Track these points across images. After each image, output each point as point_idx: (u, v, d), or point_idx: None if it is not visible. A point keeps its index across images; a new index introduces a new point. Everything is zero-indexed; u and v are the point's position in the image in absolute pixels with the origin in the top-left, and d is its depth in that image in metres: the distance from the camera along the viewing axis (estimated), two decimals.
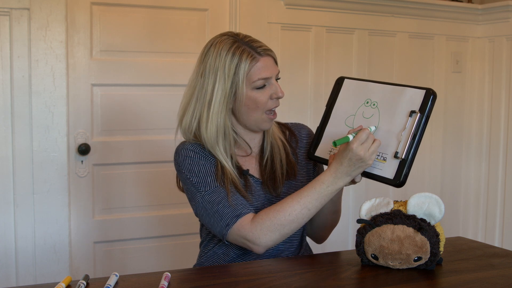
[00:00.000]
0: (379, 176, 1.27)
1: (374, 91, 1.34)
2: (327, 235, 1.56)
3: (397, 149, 1.25)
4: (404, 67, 2.94)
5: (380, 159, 1.28)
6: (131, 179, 2.45)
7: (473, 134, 3.17)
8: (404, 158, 1.23)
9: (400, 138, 1.25)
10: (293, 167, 1.45)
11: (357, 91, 1.38)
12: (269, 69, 1.36)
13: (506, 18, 2.97)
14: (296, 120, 1.59)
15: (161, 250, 2.51)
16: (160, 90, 2.46)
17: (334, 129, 1.38)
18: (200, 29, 2.51)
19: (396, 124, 1.28)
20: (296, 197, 1.29)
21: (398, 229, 1.17)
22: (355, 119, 1.35)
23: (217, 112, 1.35)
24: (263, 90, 1.37)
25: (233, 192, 1.34)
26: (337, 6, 2.74)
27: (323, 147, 1.40)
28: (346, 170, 1.26)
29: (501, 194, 3.05)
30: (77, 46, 2.31)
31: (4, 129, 2.20)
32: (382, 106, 1.31)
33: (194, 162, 1.37)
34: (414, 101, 1.26)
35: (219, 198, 1.33)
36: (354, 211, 2.82)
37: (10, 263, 2.25)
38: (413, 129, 1.24)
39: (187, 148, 1.39)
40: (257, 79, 1.34)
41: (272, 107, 1.39)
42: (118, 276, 1.13)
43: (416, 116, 1.24)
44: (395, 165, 1.25)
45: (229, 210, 1.31)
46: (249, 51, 1.34)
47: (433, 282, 1.14)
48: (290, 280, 1.14)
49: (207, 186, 1.35)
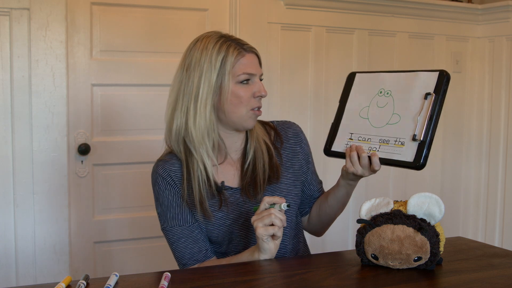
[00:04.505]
0: (398, 160, 1.26)
1: (387, 80, 1.35)
2: (327, 227, 1.56)
3: (414, 132, 1.25)
4: (404, 67, 2.94)
5: (398, 144, 1.28)
6: (131, 179, 2.45)
7: (473, 134, 3.17)
8: (423, 140, 1.24)
9: (416, 121, 1.26)
10: (277, 171, 1.42)
11: (369, 82, 1.38)
12: (254, 66, 1.35)
13: (506, 18, 2.96)
14: (296, 120, 1.58)
15: (161, 250, 2.51)
16: (160, 90, 2.46)
17: (349, 122, 1.38)
18: (200, 29, 2.51)
19: (411, 108, 1.28)
20: (232, 260, 1.33)
21: (398, 229, 1.17)
22: (369, 110, 1.35)
23: (204, 105, 1.33)
24: (247, 86, 1.35)
25: (187, 234, 1.38)
26: (337, 6, 2.74)
27: (339, 141, 1.38)
28: (258, 244, 1.28)
29: (501, 194, 3.05)
30: (77, 46, 2.31)
31: (4, 129, 2.20)
32: (396, 94, 1.32)
33: (160, 190, 1.40)
34: (428, 84, 1.27)
35: (173, 238, 1.39)
36: (354, 211, 2.82)
37: (10, 263, 2.25)
38: (430, 110, 1.24)
39: (157, 172, 1.41)
40: (241, 73, 1.33)
41: (254, 106, 1.36)
42: (118, 276, 1.13)
43: (431, 97, 1.25)
44: (414, 148, 1.25)
45: (179, 254, 1.39)
46: (235, 46, 1.34)
47: (433, 282, 1.14)
48: (290, 280, 1.14)
49: (165, 222, 1.40)
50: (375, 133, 1.33)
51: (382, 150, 1.30)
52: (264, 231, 1.23)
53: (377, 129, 1.33)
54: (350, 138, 1.36)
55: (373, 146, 1.32)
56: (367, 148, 1.32)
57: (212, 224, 1.39)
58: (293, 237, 1.47)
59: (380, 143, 1.31)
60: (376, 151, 1.31)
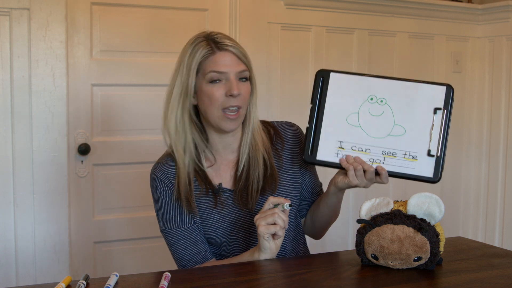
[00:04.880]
0: (415, 175, 1.28)
1: (378, 87, 1.30)
2: (325, 232, 1.55)
3: (429, 147, 1.27)
4: (404, 67, 2.94)
5: (409, 158, 1.28)
6: (131, 179, 2.44)
7: (473, 134, 3.17)
8: (439, 155, 1.27)
9: (429, 136, 1.27)
10: (274, 181, 1.39)
11: (353, 86, 1.31)
12: (225, 64, 1.31)
13: (506, 18, 2.96)
14: (296, 121, 1.57)
15: (161, 250, 2.51)
16: (160, 90, 2.45)
17: (333, 129, 1.30)
18: (200, 29, 2.49)
19: (417, 121, 1.28)
20: (232, 261, 1.33)
21: (398, 229, 1.16)
22: (359, 117, 1.30)
23: (172, 106, 1.34)
24: (218, 85, 1.31)
25: (186, 235, 1.38)
26: (337, 6, 2.74)
27: (326, 148, 1.30)
28: (259, 243, 1.27)
29: (501, 194, 3.05)
30: (77, 46, 2.31)
31: (4, 129, 2.20)
32: (393, 103, 1.29)
33: (158, 192, 1.40)
34: (434, 98, 1.27)
35: (172, 240, 1.40)
36: (354, 211, 2.82)
37: (10, 263, 2.25)
38: (442, 126, 1.27)
39: (155, 174, 1.41)
40: (209, 71, 1.30)
41: (226, 105, 1.30)
42: (118, 276, 1.13)
43: (442, 113, 1.27)
44: (430, 163, 1.27)
45: (178, 256, 1.39)
46: (207, 44, 1.32)
47: (433, 282, 1.14)
48: (290, 280, 1.14)
49: (164, 224, 1.41)
50: (374, 144, 1.28)
51: (388, 162, 1.28)
52: (266, 229, 1.23)
53: (377, 140, 1.29)
54: (340, 147, 1.30)
55: (375, 158, 1.28)
56: (368, 160, 1.28)
57: (209, 226, 1.38)
58: (292, 238, 1.46)
59: (384, 155, 1.28)
60: (381, 163, 1.28)
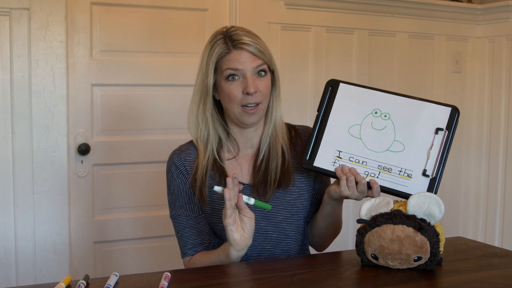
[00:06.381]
0: (406, 193, 1.26)
1: (384, 101, 1.30)
2: (327, 245, 1.53)
3: (425, 167, 1.25)
4: (404, 67, 2.94)
5: (404, 175, 1.26)
6: (131, 179, 2.45)
7: (473, 134, 3.17)
8: (434, 176, 1.25)
9: (426, 155, 1.25)
10: (289, 177, 1.40)
11: (360, 98, 1.32)
12: (240, 62, 1.32)
13: (506, 18, 2.97)
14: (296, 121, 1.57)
15: (161, 250, 2.51)
16: (160, 90, 2.46)
17: (334, 137, 1.31)
18: (200, 29, 2.51)
19: (417, 140, 1.26)
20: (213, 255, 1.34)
21: (398, 229, 1.17)
22: (361, 129, 1.30)
23: (194, 102, 1.39)
24: (236, 83, 1.33)
25: (192, 224, 1.40)
26: (337, 6, 2.74)
27: (324, 156, 1.31)
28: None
29: (501, 194, 3.05)
30: (77, 46, 2.31)
31: (4, 129, 2.20)
32: (396, 119, 1.28)
33: (172, 178, 1.42)
34: (437, 118, 1.26)
35: (179, 227, 1.43)
36: (354, 211, 2.82)
37: (10, 263, 2.25)
38: (442, 147, 1.25)
39: (172, 160, 1.43)
40: (225, 69, 1.33)
41: (244, 103, 1.32)
42: (118, 276, 1.13)
43: (444, 134, 1.25)
44: (423, 183, 1.25)
45: (182, 242, 1.43)
46: (224, 42, 1.34)
47: (433, 282, 1.14)
48: (290, 280, 1.14)
49: (173, 210, 1.44)
50: (372, 157, 1.29)
51: (382, 177, 1.28)
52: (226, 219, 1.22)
53: (375, 154, 1.29)
54: (338, 156, 1.30)
55: (370, 171, 1.28)
56: (363, 172, 1.28)
57: (218, 217, 1.38)
58: (300, 243, 1.46)
59: (380, 169, 1.28)
60: (375, 177, 1.28)
